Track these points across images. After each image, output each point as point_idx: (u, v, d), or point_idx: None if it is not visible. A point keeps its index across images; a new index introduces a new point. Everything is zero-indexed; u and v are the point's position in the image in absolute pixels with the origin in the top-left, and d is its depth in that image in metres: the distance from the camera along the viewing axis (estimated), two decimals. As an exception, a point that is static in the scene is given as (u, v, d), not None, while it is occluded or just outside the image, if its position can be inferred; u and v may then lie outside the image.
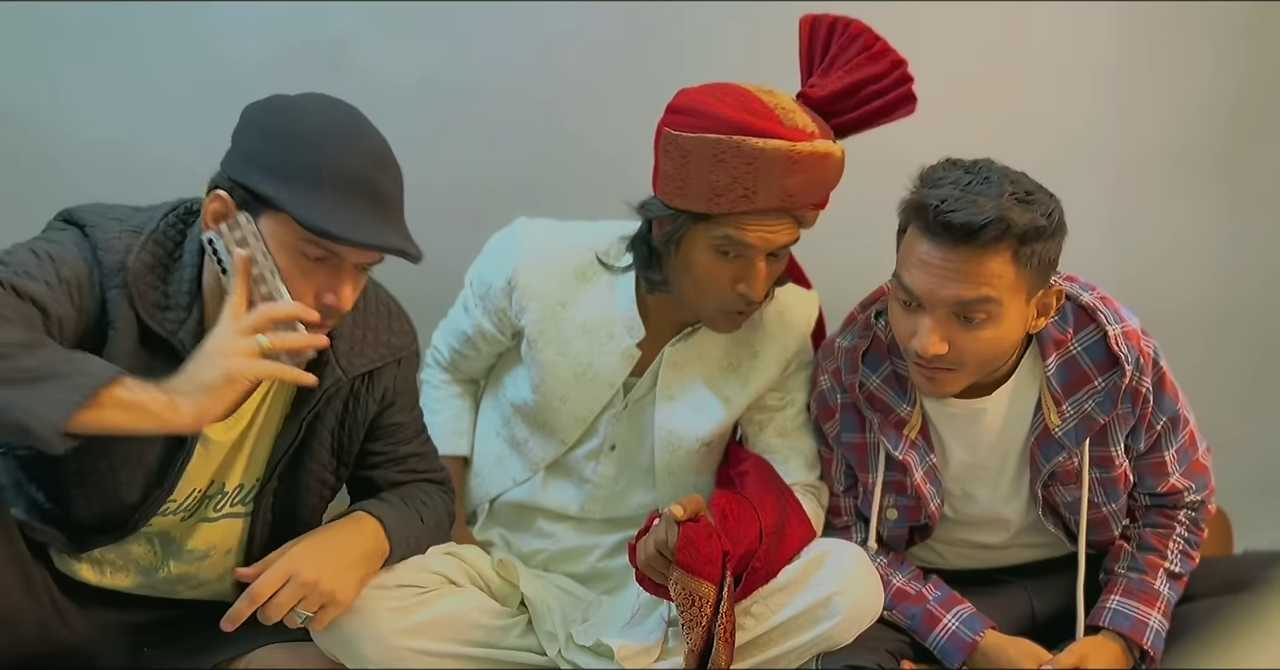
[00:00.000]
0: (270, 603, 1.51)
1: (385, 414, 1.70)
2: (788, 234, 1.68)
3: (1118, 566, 1.80)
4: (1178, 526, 1.81)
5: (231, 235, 1.44)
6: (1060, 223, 1.58)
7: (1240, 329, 2.57)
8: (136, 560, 1.63)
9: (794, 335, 1.85)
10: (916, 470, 1.75)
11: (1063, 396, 1.70)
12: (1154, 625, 1.73)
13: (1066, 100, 2.42)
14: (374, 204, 1.45)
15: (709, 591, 1.56)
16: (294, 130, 1.45)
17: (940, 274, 1.55)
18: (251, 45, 2.25)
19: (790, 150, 1.60)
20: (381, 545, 1.62)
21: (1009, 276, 1.55)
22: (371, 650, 1.59)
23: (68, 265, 1.43)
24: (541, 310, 1.80)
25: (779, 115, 1.62)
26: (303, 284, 1.46)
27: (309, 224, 1.41)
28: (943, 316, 1.58)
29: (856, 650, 1.67)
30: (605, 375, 1.81)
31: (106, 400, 1.30)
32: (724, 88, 1.67)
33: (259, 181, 1.43)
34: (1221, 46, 2.41)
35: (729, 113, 1.61)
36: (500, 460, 1.91)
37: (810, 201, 1.66)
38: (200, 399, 1.36)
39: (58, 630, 1.59)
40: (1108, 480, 1.75)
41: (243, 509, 1.65)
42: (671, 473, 1.85)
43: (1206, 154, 2.48)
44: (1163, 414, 1.73)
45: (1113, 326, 1.69)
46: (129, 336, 1.46)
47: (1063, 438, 1.71)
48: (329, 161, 1.43)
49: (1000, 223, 1.51)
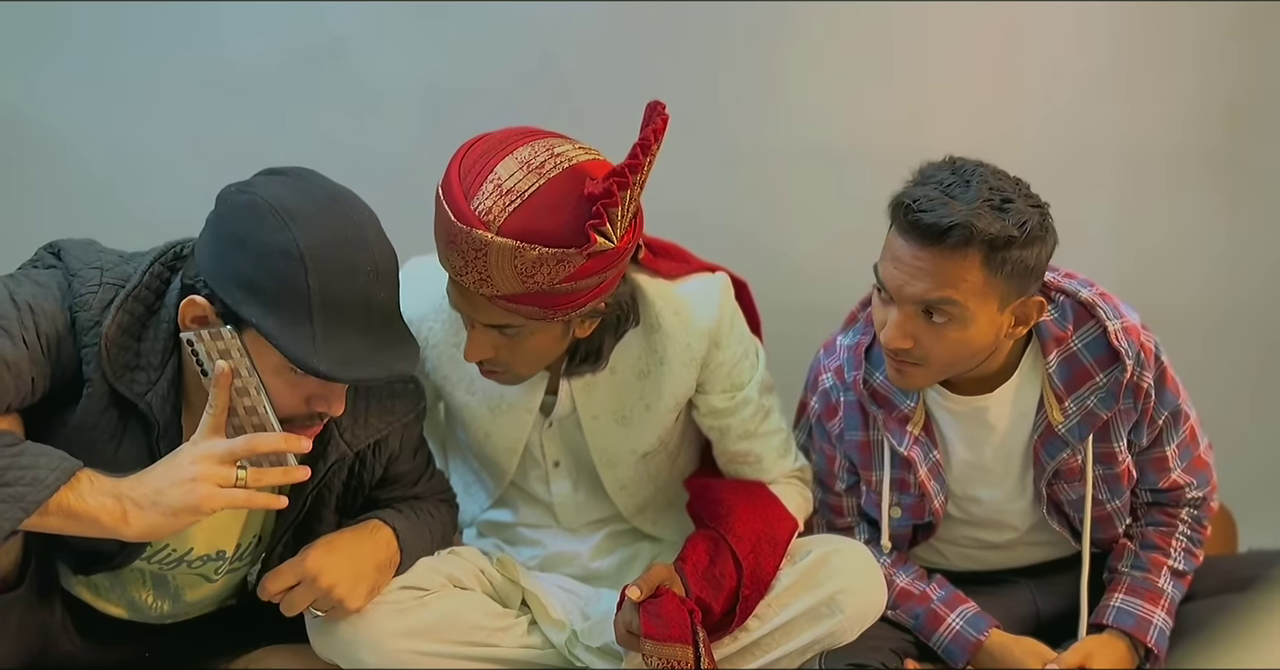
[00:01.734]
0: (284, 601, 1.53)
1: (391, 467, 1.67)
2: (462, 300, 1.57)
3: (1121, 565, 1.80)
4: (1180, 525, 1.81)
5: (214, 344, 1.36)
6: (1037, 232, 1.56)
7: (1244, 328, 2.56)
8: (132, 599, 1.64)
9: (696, 333, 1.72)
10: (921, 466, 1.75)
11: (1065, 393, 1.70)
12: (1158, 623, 1.73)
13: (1068, 100, 2.42)
14: (368, 327, 1.38)
15: (684, 653, 1.58)
16: (280, 247, 1.32)
17: (908, 271, 1.57)
18: (254, 46, 2.25)
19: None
20: (394, 555, 1.62)
21: (976, 282, 1.55)
22: (368, 654, 1.59)
23: (48, 318, 1.38)
24: (438, 357, 1.76)
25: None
26: (290, 395, 1.40)
27: (297, 362, 1.33)
28: (910, 312, 1.59)
29: (860, 649, 1.67)
30: (520, 402, 1.76)
31: (52, 509, 1.27)
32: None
33: (241, 303, 1.34)
34: (1222, 46, 2.41)
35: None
36: (468, 488, 1.92)
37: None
38: (155, 517, 1.31)
39: (62, 641, 1.60)
40: (1111, 477, 1.75)
41: (240, 565, 1.64)
42: (623, 486, 1.83)
43: (1208, 153, 2.47)
44: (1164, 409, 1.73)
45: (1112, 322, 1.69)
46: (100, 397, 1.40)
47: (1066, 434, 1.71)
48: (318, 287, 1.33)
49: (964, 229, 1.51)
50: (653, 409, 1.76)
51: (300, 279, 1.32)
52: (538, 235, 1.45)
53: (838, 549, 1.70)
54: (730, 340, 1.75)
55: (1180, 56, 2.42)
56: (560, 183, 1.47)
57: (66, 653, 1.60)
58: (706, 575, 1.66)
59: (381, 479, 1.67)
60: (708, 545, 1.69)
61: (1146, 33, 2.39)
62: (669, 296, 1.72)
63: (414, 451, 1.71)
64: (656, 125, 1.46)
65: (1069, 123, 2.43)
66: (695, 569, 1.66)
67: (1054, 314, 1.70)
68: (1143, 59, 2.41)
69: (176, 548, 1.56)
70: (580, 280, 1.50)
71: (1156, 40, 2.40)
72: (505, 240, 1.44)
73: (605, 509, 1.86)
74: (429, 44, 2.28)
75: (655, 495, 1.87)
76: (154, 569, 1.59)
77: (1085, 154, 2.45)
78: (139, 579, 1.62)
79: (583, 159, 1.51)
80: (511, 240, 1.44)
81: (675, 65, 2.30)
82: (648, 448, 1.79)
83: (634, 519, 1.87)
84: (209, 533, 1.57)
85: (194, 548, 1.57)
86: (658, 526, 1.88)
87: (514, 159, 1.48)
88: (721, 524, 1.71)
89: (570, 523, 1.87)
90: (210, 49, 2.25)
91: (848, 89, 2.35)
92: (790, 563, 1.70)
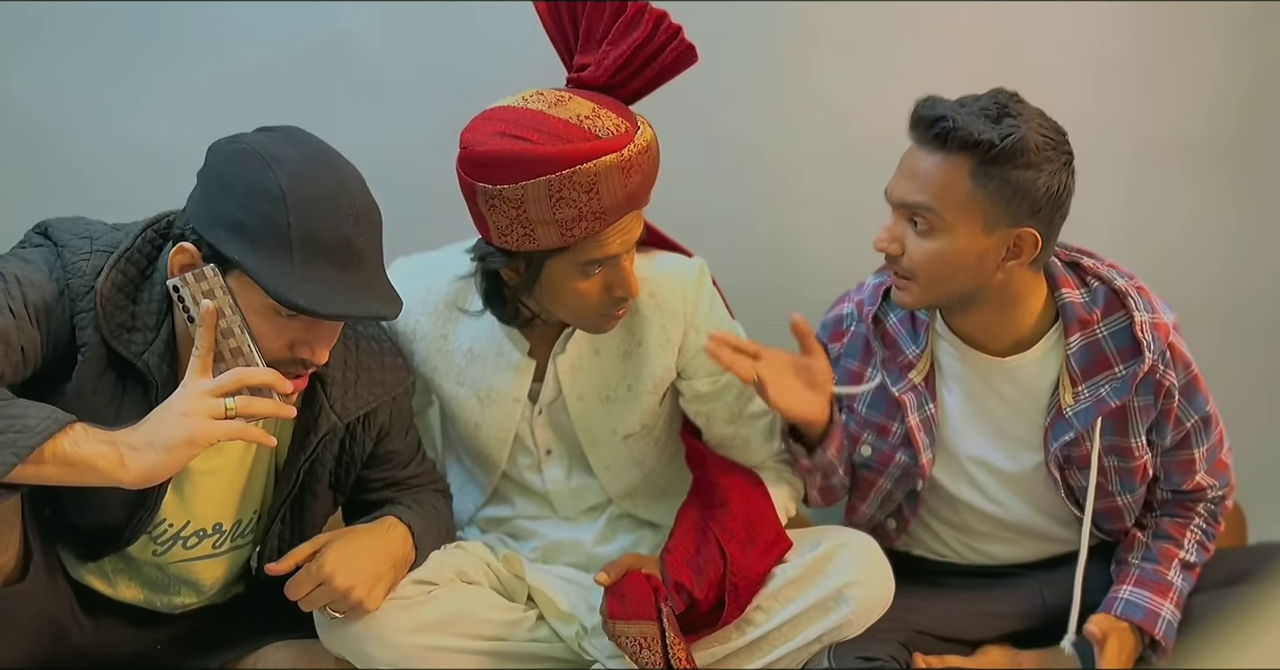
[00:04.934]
0: (302, 600, 1.55)
1: (381, 444, 1.69)
2: (638, 225, 1.64)
3: (1131, 557, 1.79)
4: (1196, 517, 1.81)
5: (198, 285, 1.39)
6: (1033, 154, 1.54)
7: (1255, 321, 2.55)
8: (148, 579, 1.65)
9: (671, 315, 1.74)
10: (911, 414, 1.75)
11: (1081, 377, 1.70)
12: (1166, 615, 1.72)
13: (1079, 94, 2.41)
14: (348, 266, 1.40)
15: (650, 629, 1.59)
16: (263, 188, 1.36)
17: (902, 172, 1.61)
18: (258, 43, 2.25)
19: (621, 160, 1.53)
20: (409, 553, 1.64)
21: (959, 193, 1.56)
22: (378, 650, 1.60)
23: (36, 289, 1.40)
24: (425, 349, 1.78)
25: (588, 128, 1.54)
26: (275, 339, 1.42)
27: (277, 296, 1.36)
28: (898, 216, 1.63)
29: (868, 642, 1.67)
30: (508, 392, 1.77)
31: (48, 456, 1.28)
32: (511, 121, 1.55)
33: (225, 243, 1.38)
34: (1235, 39, 2.40)
35: (543, 150, 1.51)
36: (462, 486, 1.93)
37: (650, 188, 1.61)
38: (152, 456, 1.32)
39: (73, 632, 1.60)
40: (1124, 470, 1.75)
41: (243, 541, 1.66)
42: (608, 467, 1.84)
43: (1221, 147, 2.46)
44: (1194, 413, 1.72)
45: (1140, 313, 1.68)
46: (97, 360, 1.43)
47: (1072, 418, 1.70)
48: (299, 225, 1.36)
49: (945, 122, 1.54)
50: (634, 390, 1.77)
51: (281, 216, 1.36)
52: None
53: (846, 542, 1.70)
54: (708, 323, 1.76)
55: (1193, 51, 2.41)
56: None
57: (79, 646, 1.61)
58: (691, 562, 1.66)
59: (372, 456, 1.68)
60: (695, 535, 1.71)
61: (1160, 27, 2.39)
62: (644, 279, 1.72)
63: (404, 430, 1.73)
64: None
65: (1081, 117, 2.40)
66: (678, 557, 1.67)
67: (1085, 297, 1.70)
68: (1156, 53, 2.40)
69: (174, 522, 1.57)
70: None
71: (1170, 35, 2.40)
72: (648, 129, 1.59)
73: (600, 495, 1.87)
74: (436, 40, 2.28)
75: (644, 481, 1.87)
76: (154, 558, 1.60)
77: (1098, 148, 2.43)
78: (150, 566, 1.63)
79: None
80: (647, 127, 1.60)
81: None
82: (629, 430, 1.80)
83: (623, 503, 1.87)
84: (206, 506, 1.59)
85: (191, 521, 1.58)
86: (650, 512, 1.88)
87: (542, 99, 1.58)
88: (712, 516, 1.72)
89: (568, 511, 1.87)
90: (218, 46, 2.26)
91: (858, 85, 2.34)
92: (798, 555, 1.70)
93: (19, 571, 1.49)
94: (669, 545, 1.70)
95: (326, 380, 1.57)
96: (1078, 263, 1.74)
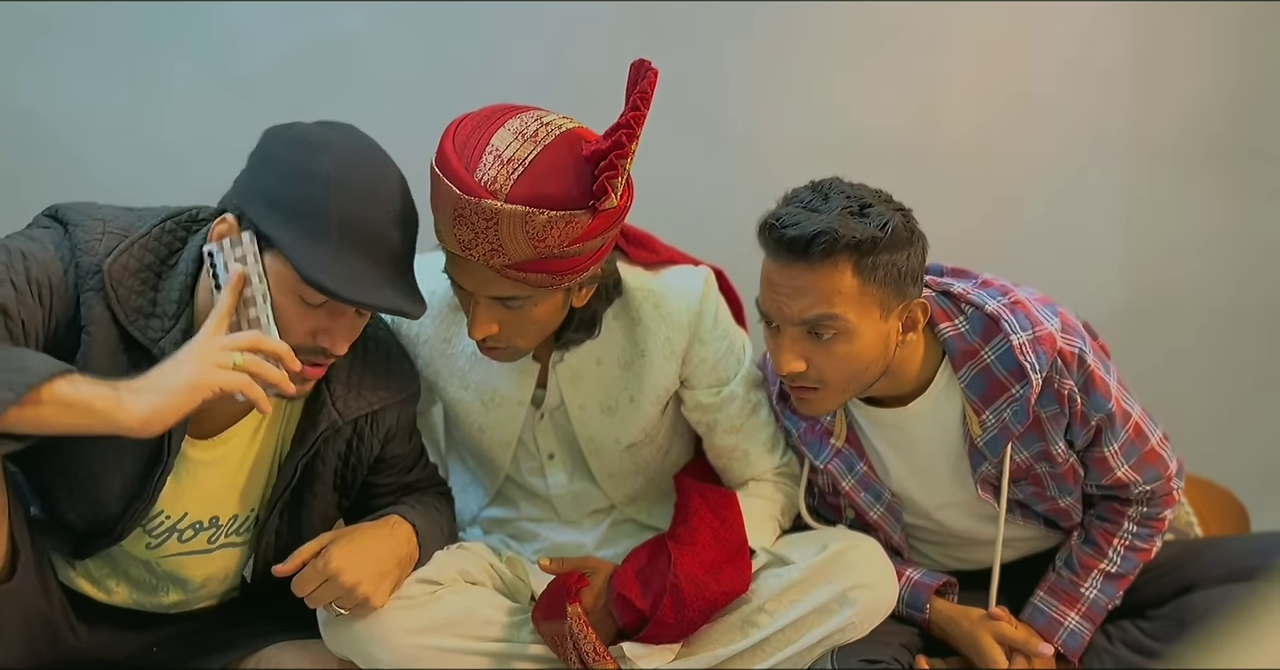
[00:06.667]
0: (308, 596, 1.55)
1: (388, 447, 1.69)
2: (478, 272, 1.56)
3: (1057, 559, 1.81)
4: (1127, 522, 1.79)
5: (232, 251, 1.42)
6: (902, 234, 1.55)
7: (1254, 318, 2.56)
8: (135, 580, 1.65)
9: (675, 326, 1.74)
10: (844, 480, 1.77)
11: (982, 406, 1.68)
12: (1069, 625, 1.74)
13: (1083, 96, 2.41)
14: (379, 259, 1.43)
15: (561, 628, 1.62)
16: (309, 170, 1.40)
17: (784, 292, 1.56)
18: (264, 43, 2.26)
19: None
20: (413, 551, 1.65)
21: (851, 291, 1.54)
22: (381, 650, 1.60)
23: (39, 265, 1.41)
24: (429, 352, 1.78)
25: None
26: (298, 322, 1.44)
27: (305, 275, 1.38)
28: (796, 335, 1.58)
29: (871, 645, 1.67)
30: (512, 395, 1.78)
31: (46, 398, 1.26)
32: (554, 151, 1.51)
33: (264, 218, 1.41)
34: (1233, 41, 2.40)
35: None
36: (466, 487, 1.94)
37: (449, 231, 1.52)
38: (155, 399, 1.31)
39: (66, 634, 1.60)
40: (1056, 475, 1.75)
41: (239, 539, 1.66)
42: (610, 475, 1.84)
43: (1218, 148, 2.47)
44: (1096, 412, 1.68)
45: (1017, 335, 1.64)
46: (106, 341, 1.43)
47: (984, 447, 1.70)
48: (339, 210, 1.39)
49: (827, 235, 1.51)
50: (636, 400, 1.77)
51: (324, 200, 1.39)
52: (545, 199, 1.48)
53: (854, 545, 1.70)
54: (712, 335, 1.76)
55: (1191, 52, 2.42)
56: (556, 148, 1.51)
57: (73, 648, 1.61)
58: (640, 573, 1.67)
59: (377, 460, 1.69)
60: (650, 548, 1.72)
61: (1158, 29, 2.39)
62: (649, 289, 1.73)
63: (409, 434, 1.73)
64: (650, 79, 1.48)
65: (1079, 118, 2.43)
66: (628, 569, 1.68)
67: (963, 327, 1.68)
68: (1154, 55, 2.40)
69: (171, 514, 1.57)
70: (587, 241, 1.53)
71: (1168, 36, 2.40)
72: (515, 207, 1.47)
73: (603, 499, 1.87)
74: (438, 40, 2.29)
75: (647, 486, 1.88)
76: (146, 553, 1.60)
77: (1096, 149, 2.44)
78: (138, 566, 1.63)
79: (570, 126, 1.55)
80: (521, 206, 1.47)
81: (685, 62, 2.30)
82: (632, 439, 1.80)
83: (627, 509, 1.88)
84: (204, 497, 1.59)
85: (189, 512, 1.58)
86: (654, 516, 1.89)
87: (507, 130, 1.51)
88: (672, 532, 1.73)
89: (570, 515, 1.88)
90: (223, 46, 2.26)
91: (859, 86, 2.35)
92: (803, 558, 1.70)
93: (7, 571, 1.48)
94: (625, 558, 1.72)
95: (331, 378, 1.58)
96: (948, 291, 1.71)
